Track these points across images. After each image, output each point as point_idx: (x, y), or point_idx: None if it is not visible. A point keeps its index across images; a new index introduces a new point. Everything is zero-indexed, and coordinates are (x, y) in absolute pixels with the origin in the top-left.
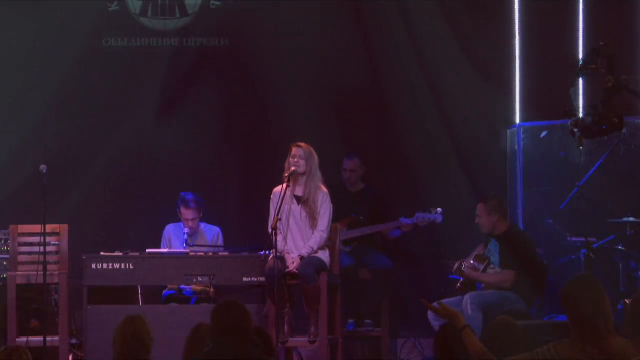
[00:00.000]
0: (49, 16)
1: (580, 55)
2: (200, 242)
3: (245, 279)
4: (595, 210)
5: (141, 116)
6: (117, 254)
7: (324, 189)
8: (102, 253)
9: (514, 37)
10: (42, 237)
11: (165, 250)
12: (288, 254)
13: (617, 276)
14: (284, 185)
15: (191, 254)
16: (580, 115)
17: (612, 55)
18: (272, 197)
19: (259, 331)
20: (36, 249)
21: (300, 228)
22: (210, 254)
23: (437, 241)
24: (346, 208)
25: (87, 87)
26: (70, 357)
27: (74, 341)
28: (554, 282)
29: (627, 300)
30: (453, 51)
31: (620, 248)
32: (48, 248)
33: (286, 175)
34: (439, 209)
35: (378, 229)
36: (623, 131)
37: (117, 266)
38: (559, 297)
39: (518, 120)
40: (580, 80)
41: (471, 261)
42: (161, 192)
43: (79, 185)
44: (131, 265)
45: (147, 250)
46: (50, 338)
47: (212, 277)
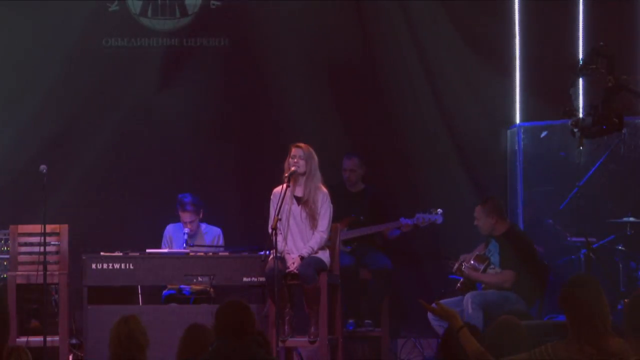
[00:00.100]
0: (49, 16)
1: (580, 55)
2: (200, 243)
3: (245, 279)
4: (595, 210)
5: (141, 116)
6: (117, 254)
7: (324, 189)
8: (102, 253)
9: (514, 37)
10: (42, 237)
11: (165, 250)
12: (288, 254)
13: (617, 276)
14: (284, 186)
15: (191, 254)
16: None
17: (612, 55)
18: (272, 197)
19: (259, 333)
20: (36, 249)
21: (300, 228)
22: (210, 254)
23: (437, 241)
24: (346, 208)
25: (87, 87)
26: (70, 357)
27: (74, 341)
28: (554, 282)
29: (626, 300)
30: (453, 51)
31: (620, 248)
32: (48, 248)
33: (286, 175)
34: (439, 210)
35: (378, 229)
36: (623, 131)
37: (117, 266)
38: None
39: (518, 120)
40: (580, 80)
41: (471, 261)
42: (161, 192)
43: (79, 185)
44: (131, 265)
45: (147, 250)
46: (50, 338)
47: (212, 277)
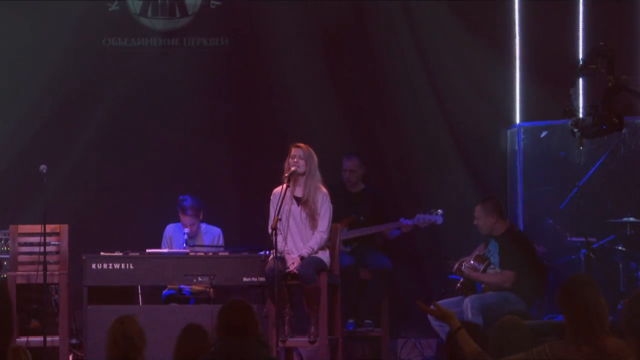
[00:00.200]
0: (49, 16)
1: (580, 55)
2: (200, 243)
3: (245, 279)
4: (595, 210)
5: (141, 116)
6: (117, 254)
7: (324, 190)
8: (102, 253)
9: (514, 37)
10: (42, 237)
11: (165, 250)
12: (288, 254)
13: (617, 276)
14: (283, 186)
15: (191, 254)
16: (580, 115)
17: (612, 55)
18: (271, 197)
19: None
20: (36, 249)
21: (300, 229)
22: (210, 254)
23: (437, 241)
24: (346, 208)
25: (87, 87)
26: (70, 357)
27: (74, 341)
28: (554, 282)
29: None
30: (453, 52)
31: (620, 248)
32: (48, 248)
33: (286, 175)
34: (439, 210)
35: (378, 229)
36: (623, 131)
37: (117, 266)
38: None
39: (518, 120)
40: (580, 80)
41: (471, 261)
42: (161, 192)
43: (79, 185)
44: (131, 265)
45: (147, 250)
46: (50, 338)
47: (212, 277)
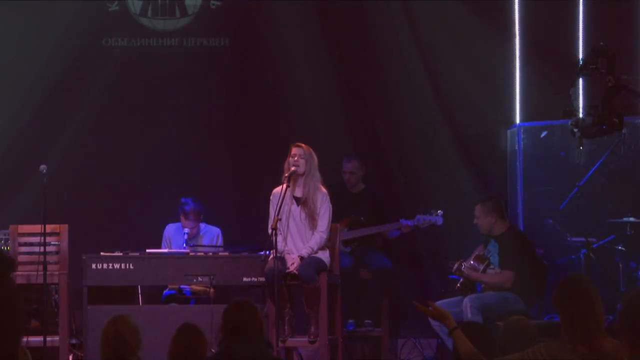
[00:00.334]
0: (49, 16)
1: (580, 55)
2: (199, 243)
3: (245, 279)
4: (595, 210)
5: (141, 116)
6: (117, 254)
7: (323, 190)
8: (102, 253)
9: (514, 37)
10: (42, 237)
11: (165, 250)
12: (288, 254)
13: (617, 276)
14: (283, 186)
15: (191, 254)
16: (580, 115)
17: (612, 55)
18: (271, 197)
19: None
20: (36, 249)
21: (300, 229)
22: (210, 254)
23: (437, 241)
24: (346, 208)
25: (87, 87)
26: (70, 357)
27: (74, 341)
28: (554, 282)
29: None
30: (453, 51)
31: (620, 248)
32: (48, 248)
33: (286, 175)
34: (439, 211)
35: (378, 229)
36: (623, 131)
37: (117, 266)
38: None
39: (518, 120)
40: (580, 80)
41: (471, 261)
42: (161, 192)
43: (79, 185)
44: (131, 265)
45: (147, 250)
46: (50, 338)
47: (212, 277)
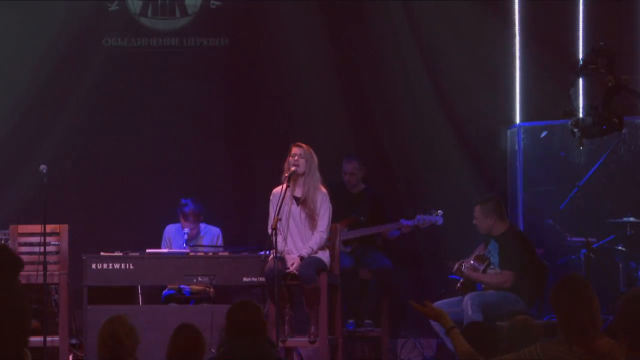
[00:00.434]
0: (49, 16)
1: (580, 55)
2: (199, 243)
3: (245, 279)
4: (595, 210)
5: (141, 115)
6: (117, 254)
7: (323, 190)
8: (102, 253)
9: (514, 37)
10: (42, 237)
11: (165, 250)
12: (288, 254)
13: (617, 276)
14: (283, 186)
15: (191, 254)
16: (580, 115)
17: (612, 55)
18: (271, 197)
19: None
20: (36, 249)
21: (300, 229)
22: (210, 254)
23: (437, 241)
24: (346, 208)
25: (86, 87)
26: (70, 357)
27: (74, 341)
28: (554, 282)
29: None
30: (453, 51)
31: (620, 248)
32: (48, 248)
33: (286, 175)
34: (439, 211)
35: (378, 229)
36: (623, 131)
37: (117, 266)
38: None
39: (518, 120)
40: (580, 80)
41: (471, 261)
42: (161, 192)
43: (79, 185)
44: (131, 265)
45: (147, 250)
46: (50, 338)
47: (212, 277)
